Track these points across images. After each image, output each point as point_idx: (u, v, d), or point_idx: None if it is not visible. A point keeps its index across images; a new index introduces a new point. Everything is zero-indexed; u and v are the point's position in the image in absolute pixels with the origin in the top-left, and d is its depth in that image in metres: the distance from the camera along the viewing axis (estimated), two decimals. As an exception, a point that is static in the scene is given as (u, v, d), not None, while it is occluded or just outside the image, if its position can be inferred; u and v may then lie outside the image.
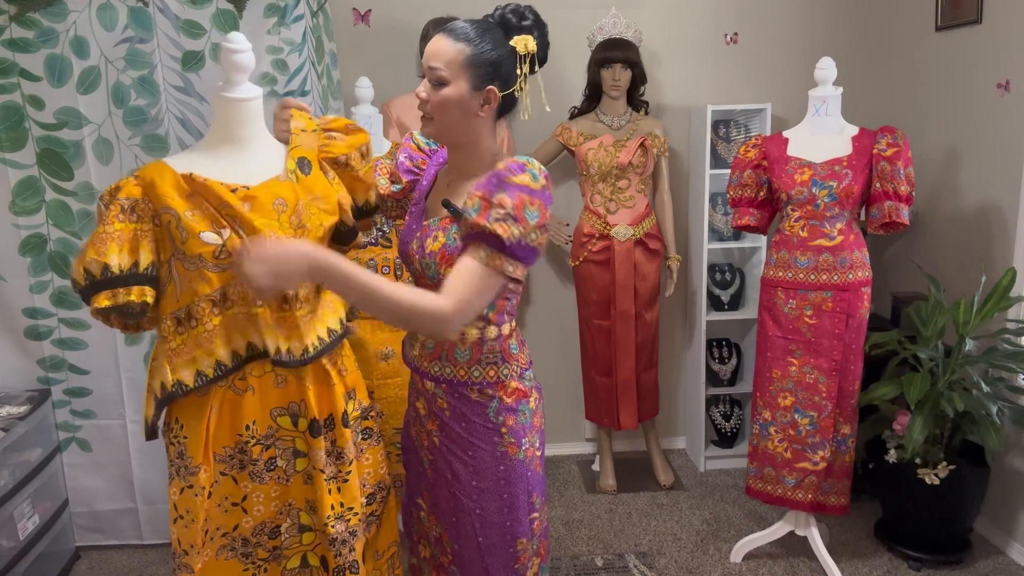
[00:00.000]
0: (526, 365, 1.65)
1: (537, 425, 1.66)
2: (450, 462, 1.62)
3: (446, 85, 1.48)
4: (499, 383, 1.59)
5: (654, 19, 3.41)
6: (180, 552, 1.59)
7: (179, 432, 1.58)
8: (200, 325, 1.54)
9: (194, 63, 2.60)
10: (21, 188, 2.59)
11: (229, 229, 1.50)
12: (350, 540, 1.64)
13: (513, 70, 1.52)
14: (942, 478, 2.60)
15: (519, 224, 1.42)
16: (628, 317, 3.20)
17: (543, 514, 1.70)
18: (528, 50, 1.51)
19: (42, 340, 2.70)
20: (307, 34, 2.72)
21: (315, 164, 1.65)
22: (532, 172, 1.47)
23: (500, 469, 1.60)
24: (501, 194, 1.42)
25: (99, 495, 2.86)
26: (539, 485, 1.67)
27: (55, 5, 2.47)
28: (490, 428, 1.59)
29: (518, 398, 1.61)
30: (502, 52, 1.50)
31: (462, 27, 1.49)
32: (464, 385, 1.59)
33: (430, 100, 1.50)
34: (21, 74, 2.51)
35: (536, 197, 1.45)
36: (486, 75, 1.49)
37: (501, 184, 1.44)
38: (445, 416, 1.62)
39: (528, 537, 1.65)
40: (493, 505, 1.61)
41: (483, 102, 1.51)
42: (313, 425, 1.60)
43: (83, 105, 2.56)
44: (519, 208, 1.42)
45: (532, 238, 1.45)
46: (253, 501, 1.62)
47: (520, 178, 1.45)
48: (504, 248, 1.43)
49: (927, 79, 3.25)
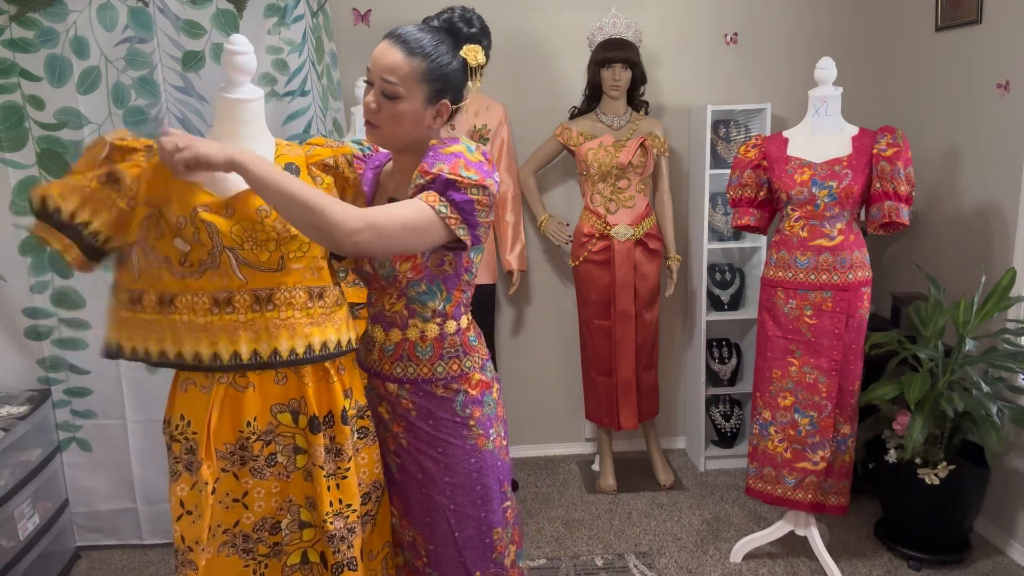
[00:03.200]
0: (486, 356, 1.68)
1: (501, 415, 1.70)
2: (420, 461, 1.64)
3: (400, 100, 1.49)
4: (463, 376, 1.61)
5: (654, 19, 3.41)
6: (184, 549, 1.59)
7: (186, 429, 1.58)
8: (143, 312, 1.57)
9: (194, 63, 2.60)
10: (21, 188, 2.59)
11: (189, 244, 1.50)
12: (349, 537, 1.65)
13: (464, 82, 1.55)
14: (942, 478, 2.60)
15: (454, 176, 1.44)
16: (628, 317, 3.20)
17: (514, 502, 1.73)
18: (478, 62, 1.54)
19: (42, 340, 2.71)
20: (307, 34, 2.72)
21: (303, 169, 1.65)
22: (466, 145, 1.51)
23: (471, 462, 1.62)
24: (438, 163, 1.46)
25: (99, 495, 2.86)
26: (508, 474, 1.71)
27: (55, 5, 2.47)
28: (458, 422, 1.61)
29: (482, 390, 1.64)
30: (455, 65, 1.52)
31: (416, 39, 1.49)
32: (428, 382, 1.60)
33: (381, 110, 1.51)
34: (21, 74, 2.51)
35: (472, 165, 1.47)
36: (440, 89, 1.52)
37: (436, 156, 1.48)
38: (411, 416, 1.63)
39: (503, 526, 1.68)
40: (467, 499, 1.64)
41: (436, 115, 1.54)
42: (313, 422, 1.60)
43: (83, 105, 2.56)
44: (454, 168, 1.45)
45: (473, 192, 1.45)
46: (254, 497, 1.62)
47: (453, 148, 1.49)
48: (435, 182, 1.44)
49: (927, 79, 3.26)
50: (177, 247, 1.50)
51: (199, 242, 1.51)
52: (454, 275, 1.58)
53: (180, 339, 1.55)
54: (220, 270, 1.52)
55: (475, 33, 1.54)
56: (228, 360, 1.54)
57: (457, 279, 1.59)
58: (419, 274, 1.56)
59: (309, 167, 1.66)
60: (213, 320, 1.54)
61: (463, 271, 1.59)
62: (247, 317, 1.55)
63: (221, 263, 1.52)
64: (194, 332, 1.54)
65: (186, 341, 1.55)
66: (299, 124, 2.73)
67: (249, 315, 1.55)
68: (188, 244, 1.50)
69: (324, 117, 2.87)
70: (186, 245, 1.50)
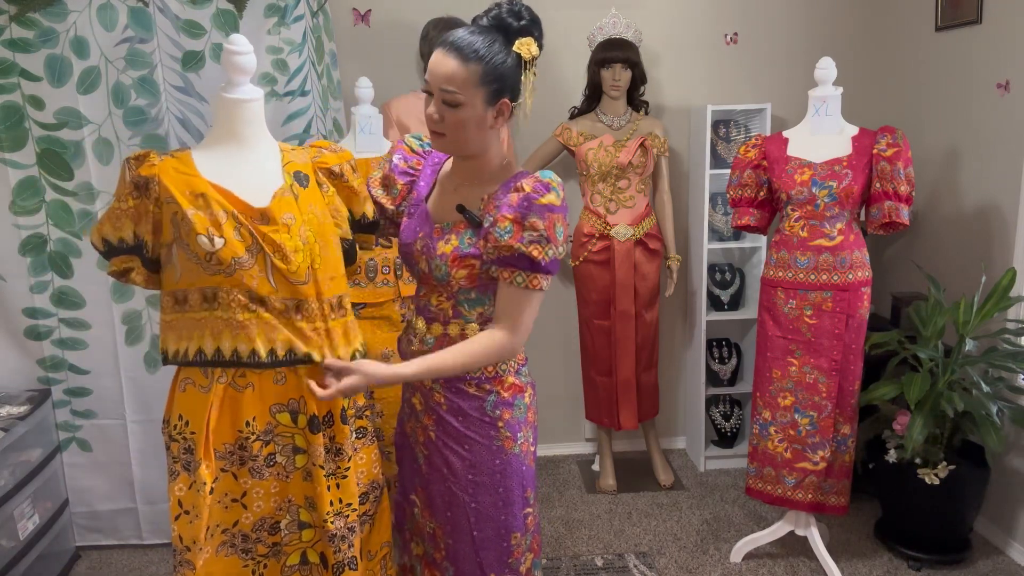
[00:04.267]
0: (523, 361, 1.68)
1: (531, 420, 1.69)
2: (446, 456, 1.64)
3: (462, 107, 1.49)
4: (496, 378, 1.62)
5: (654, 19, 3.41)
6: (182, 549, 1.59)
7: (184, 428, 1.58)
8: (192, 311, 1.57)
9: (194, 63, 2.60)
10: (21, 188, 2.59)
11: (223, 238, 1.51)
12: (349, 536, 1.65)
13: (519, 77, 1.54)
14: (942, 478, 2.60)
15: (551, 244, 1.50)
16: (628, 317, 3.20)
17: (536, 509, 1.72)
18: (532, 55, 1.52)
19: (42, 340, 2.71)
20: (307, 34, 2.72)
21: (312, 176, 1.66)
22: (556, 191, 1.52)
23: (496, 463, 1.62)
24: (532, 217, 1.49)
25: (99, 495, 2.86)
26: (532, 480, 1.70)
27: (55, 5, 2.47)
28: (487, 422, 1.61)
29: (514, 393, 1.63)
30: (510, 62, 1.51)
31: (469, 43, 1.48)
32: (462, 380, 1.61)
33: (445, 120, 1.51)
34: (21, 74, 2.51)
35: (559, 213, 1.52)
36: (499, 90, 1.51)
37: (531, 207, 1.49)
38: (442, 410, 1.63)
39: (522, 532, 1.67)
40: (488, 499, 1.63)
41: (497, 115, 1.54)
42: (312, 422, 1.61)
43: (83, 105, 2.56)
44: (550, 228, 1.50)
45: (560, 252, 1.54)
46: (253, 497, 1.63)
47: (547, 199, 1.50)
48: (540, 268, 1.51)
49: (927, 79, 3.26)
50: (201, 244, 1.51)
51: (240, 238, 1.52)
52: None
53: (220, 336, 1.56)
54: (253, 271, 1.53)
55: (526, 25, 1.53)
56: (266, 358, 1.56)
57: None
58: (473, 283, 1.58)
59: (316, 173, 1.67)
60: (250, 318, 1.54)
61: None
62: (280, 320, 1.57)
63: (256, 262, 1.53)
64: (232, 329, 1.55)
65: (225, 338, 1.55)
66: (299, 124, 2.73)
67: (281, 319, 1.57)
68: (224, 239, 1.51)
69: (324, 117, 2.87)
70: (209, 243, 1.51)
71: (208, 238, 1.50)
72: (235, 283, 1.53)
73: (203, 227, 1.51)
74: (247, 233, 1.53)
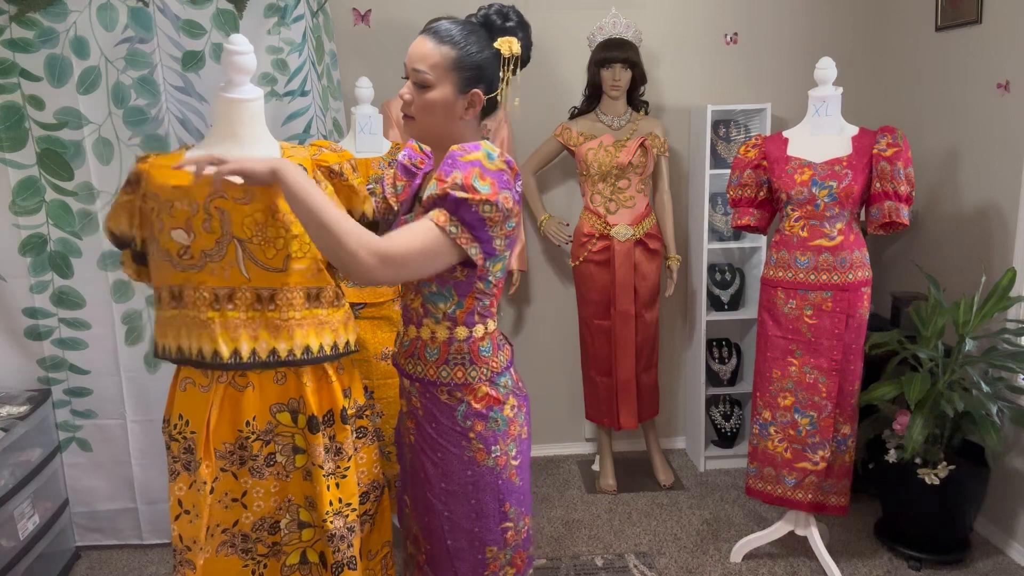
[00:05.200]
0: (499, 370, 1.60)
1: (514, 434, 1.61)
2: (422, 462, 1.62)
3: (431, 88, 1.49)
4: (467, 385, 1.56)
5: (654, 19, 3.41)
6: (182, 548, 1.59)
7: (184, 428, 1.58)
8: (164, 309, 1.60)
9: (194, 63, 2.60)
10: (21, 188, 2.59)
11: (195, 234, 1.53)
12: (348, 536, 1.65)
13: (497, 72, 1.53)
14: (942, 478, 2.60)
15: (467, 192, 1.41)
16: (628, 317, 3.20)
17: (520, 525, 1.65)
18: (512, 52, 1.52)
19: (42, 340, 2.71)
20: (307, 34, 2.72)
21: (311, 171, 1.65)
22: (487, 151, 1.47)
23: (467, 474, 1.58)
24: (454, 172, 1.43)
25: (99, 495, 2.86)
26: (514, 495, 1.62)
27: (55, 5, 2.47)
28: (458, 432, 1.57)
29: (489, 404, 1.57)
30: (487, 55, 1.51)
31: (447, 29, 1.49)
32: (434, 385, 1.58)
33: (414, 102, 1.51)
34: (21, 74, 2.51)
35: (488, 174, 1.44)
36: (471, 78, 1.50)
37: (455, 163, 1.45)
38: (419, 415, 1.62)
39: (499, 546, 1.63)
40: (461, 509, 1.60)
41: (468, 105, 1.53)
42: (312, 421, 1.61)
43: (83, 105, 2.56)
44: (467, 179, 1.42)
45: (484, 209, 1.42)
46: (253, 497, 1.63)
47: (472, 155, 1.46)
48: (446, 201, 1.42)
49: (927, 79, 3.26)
50: (175, 239, 1.51)
51: (208, 230, 1.52)
52: (466, 282, 1.53)
53: (188, 334, 1.56)
54: (224, 262, 1.53)
55: (511, 26, 1.53)
56: (228, 358, 1.54)
57: (470, 286, 1.54)
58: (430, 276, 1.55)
59: (315, 170, 1.67)
60: (214, 316, 1.54)
61: (476, 279, 1.53)
62: (247, 315, 1.55)
63: (227, 254, 1.53)
64: (197, 328, 1.55)
65: (191, 337, 1.56)
66: (299, 124, 2.73)
67: (250, 313, 1.55)
68: (193, 234, 1.52)
69: (324, 117, 2.87)
70: (186, 236, 1.52)
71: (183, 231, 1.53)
72: (203, 279, 1.54)
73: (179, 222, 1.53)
74: (217, 225, 1.53)
